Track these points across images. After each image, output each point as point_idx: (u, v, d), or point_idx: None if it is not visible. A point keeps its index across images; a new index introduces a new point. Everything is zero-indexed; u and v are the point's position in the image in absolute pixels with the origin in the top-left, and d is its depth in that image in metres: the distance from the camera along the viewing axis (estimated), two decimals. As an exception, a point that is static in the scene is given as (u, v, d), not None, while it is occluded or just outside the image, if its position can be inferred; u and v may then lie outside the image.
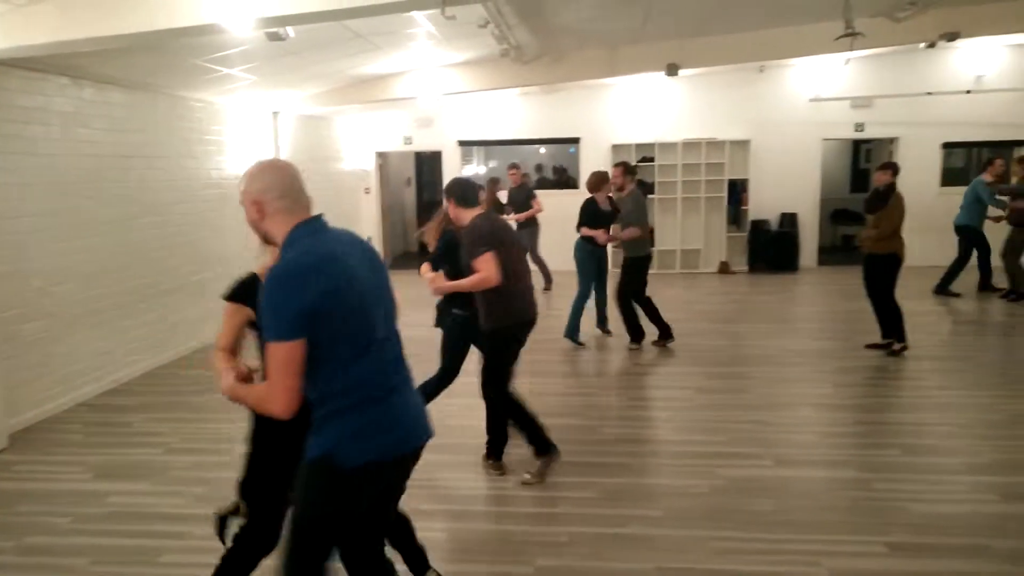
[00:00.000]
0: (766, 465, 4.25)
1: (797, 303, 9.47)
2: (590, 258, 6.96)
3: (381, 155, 12.71)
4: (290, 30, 5.10)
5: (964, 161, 12.32)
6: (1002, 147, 11.10)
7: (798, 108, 11.34)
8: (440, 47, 7.68)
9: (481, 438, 4.33)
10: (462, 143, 12.17)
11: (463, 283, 3.96)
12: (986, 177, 8.98)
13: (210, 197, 7.68)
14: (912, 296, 9.18)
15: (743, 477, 4.08)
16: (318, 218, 2.10)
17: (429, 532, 3.41)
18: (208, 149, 7.76)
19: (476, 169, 13.82)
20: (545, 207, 9.81)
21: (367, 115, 11.96)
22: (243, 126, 8.50)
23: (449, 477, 4.19)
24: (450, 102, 11.46)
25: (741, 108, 11.42)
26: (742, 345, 7.08)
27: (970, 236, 9.06)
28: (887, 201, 6.28)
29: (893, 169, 6.43)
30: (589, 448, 4.55)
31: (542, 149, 14.26)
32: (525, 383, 4.77)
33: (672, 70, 9.04)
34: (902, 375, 5.95)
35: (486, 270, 3.82)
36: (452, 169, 11.93)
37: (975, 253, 9.12)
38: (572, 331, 7.03)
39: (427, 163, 14.67)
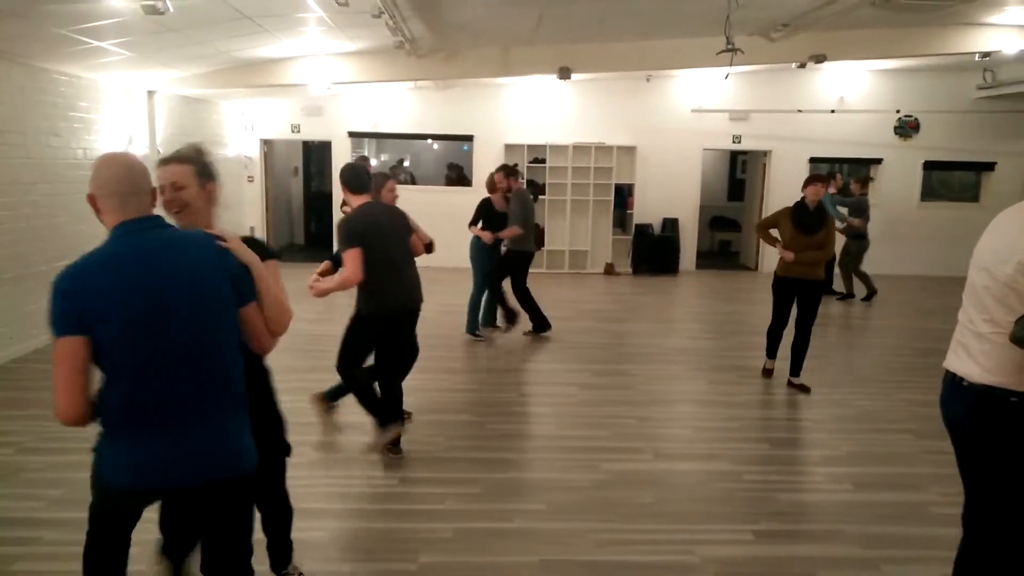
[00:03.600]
0: (646, 459, 4.41)
1: (677, 304, 9.89)
2: (484, 255, 7.06)
3: (267, 143, 12.22)
4: (169, 4, 4.81)
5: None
6: (861, 164, 12.06)
7: (681, 118, 11.84)
8: (332, 35, 7.47)
9: (364, 436, 4.26)
10: (352, 134, 11.90)
11: (330, 285, 4.01)
12: (831, 190, 9.79)
13: (76, 178, 7.12)
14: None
15: (625, 471, 4.22)
16: (141, 219, 2.00)
17: (312, 532, 3.31)
18: (74, 127, 7.19)
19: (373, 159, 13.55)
20: (440, 204, 9.76)
21: (253, 100, 11.48)
22: (115, 104, 7.93)
23: (333, 475, 4.09)
24: (341, 92, 11.19)
25: (629, 115, 11.80)
26: (625, 344, 7.32)
27: None
28: (827, 219, 5.64)
29: (824, 181, 5.79)
30: (475, 444, 4.56)
31: (435, 145, 14.18)
32: (413, 381, 4.73)
33: (564, 73, 9.22)
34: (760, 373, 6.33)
35: (349, 269, 3.90)
36: (342, 160, 11.64)
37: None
38: (472, 326, 7.18)
39: (316, 153, 14.24)
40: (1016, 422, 2.19)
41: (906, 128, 11.86)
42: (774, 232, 5.74)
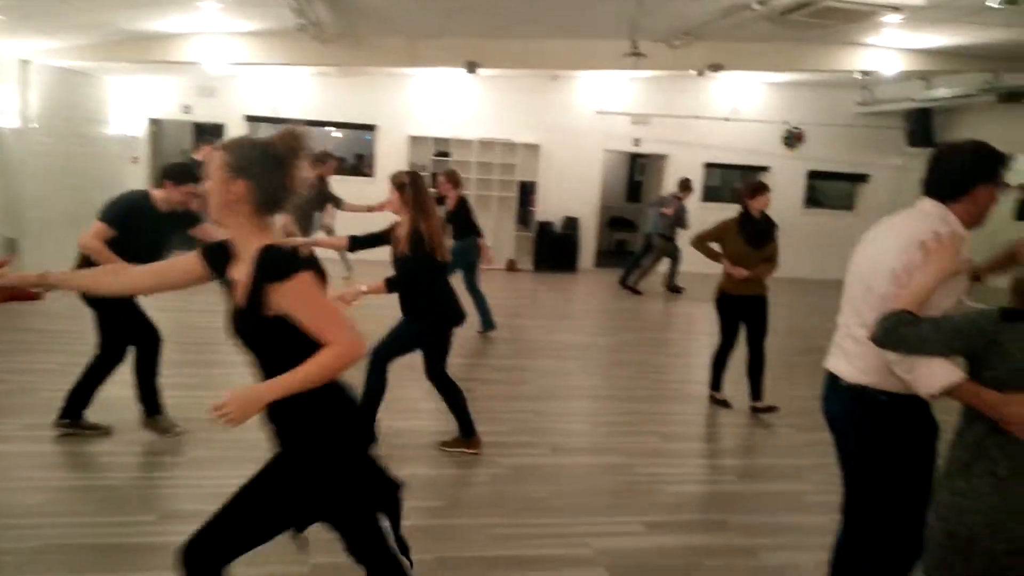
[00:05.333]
0: (543, 453, 4.47)
1: (575, 301, 10.09)
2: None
3: (155, 123, 11.58)
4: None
5: (720, 180, 13.87)
6: (752, 171, 12.67)
7: (585, 118, 12.06)
8: (231, 12, 7.15)
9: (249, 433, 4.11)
10: (249, 118, 11.44)
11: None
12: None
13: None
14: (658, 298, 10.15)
15: (522, 465, 4.26)
16: None
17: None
18: (-67, 94, 6.57)
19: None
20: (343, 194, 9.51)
21: (142, 77, 10.83)
22: (-18, 72, 7.30)
23: (219, 475, 3.92)
24: (238, 73, 10.73)
25: (534, 113, 11.91)
26: (524, 339, 7.39)
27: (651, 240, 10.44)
28: (774, 228, 5.36)
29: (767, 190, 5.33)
30: (373, 440, 4.49)
31: (338, 133, 13.84)
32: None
33: (471, 67, 9.20)
34: (662, 369, 6.56)
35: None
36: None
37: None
38: None
39: (208, 136, 13.58)
40: (886, 420, 2.35)
41: (792, 139, 12.55)
42: (715, 246, 5.29)
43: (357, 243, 4.31)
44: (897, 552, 2.38)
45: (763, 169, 12.62)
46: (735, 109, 12.27)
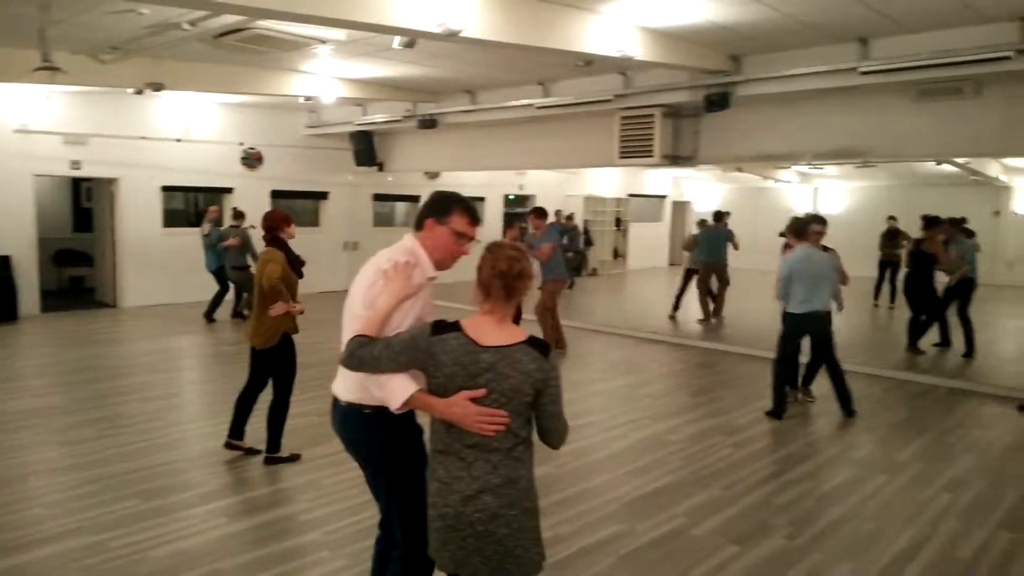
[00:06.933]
0: (-19, 561, 3.58)
1: (16, 357, 8.38)
2: None
3: None
4: None
5: (184, 204, 13.19)
6: (215, 192, 12.36)
7: (3, 138, 10.10)
8: None
9: None
10: None
11: None
12: (205, 223, 10.07)
13: None
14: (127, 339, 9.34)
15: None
16: None
17: None
18: None
19: None
20: None
21: None
22: None
23: None
24: None
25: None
26: (-55, 418, 5.84)
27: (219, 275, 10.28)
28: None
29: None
30: None
31: None
32: None
33: None
34: (132, 421, 5.92)
35: None
36: None
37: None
38: None
39: None
40: (376, 431, 2.55)
41: (251, 159, 12.66)
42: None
43: None
44: (414, 548, 2.59)
45: (227, 190, 12.44)
46: (187, 130, 11.78)
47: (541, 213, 8.58)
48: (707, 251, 10.97)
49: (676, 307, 11.27)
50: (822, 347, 6.29)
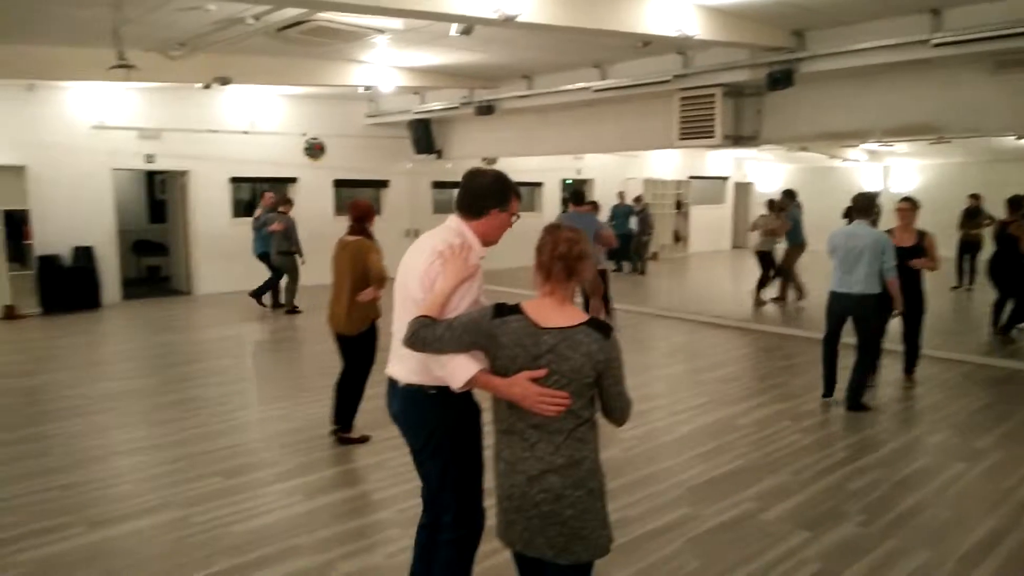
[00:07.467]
0: (77, 533, 3.81)
1: (102, 343, 8.83)
2: None
3: None
4: None
5: (251, 194, 13.58)
6: (280, 182, 12.68)
7: (81, 134, 10.58)
8: None
9: None
10: None
11: None
12: (258, 209, 10.43)
13: None
14: (201, 326, 9.69)
15: (50, 556, 3.56)
16: None
17: None
18: None
19: None
20: None
21: None
22: None
23: None
24: None
25: (11, 130, 9.99)
26: (38, 401, 6.21)
27: (265, 259, 10.35)
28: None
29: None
30: None
31: None
32: None
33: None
34: (216, 401, 6.17)
35: None
36: None
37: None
38: None
39: None
40: (438, 412, 2.59)
41: (314, 149, 12.94)
42: None
43: None
44: (464, 528, 2.64)
45: (291, 180, 12.75)
46: (253, 122, 12.11)
47: (579, 199, 8.36)
48: (797, 231, 10.76)
49: (761, 293, 10.85)
50: (858, 333, 5.89)
